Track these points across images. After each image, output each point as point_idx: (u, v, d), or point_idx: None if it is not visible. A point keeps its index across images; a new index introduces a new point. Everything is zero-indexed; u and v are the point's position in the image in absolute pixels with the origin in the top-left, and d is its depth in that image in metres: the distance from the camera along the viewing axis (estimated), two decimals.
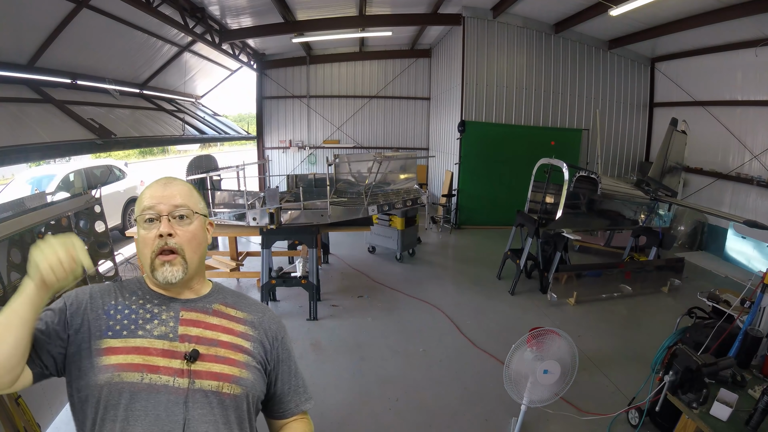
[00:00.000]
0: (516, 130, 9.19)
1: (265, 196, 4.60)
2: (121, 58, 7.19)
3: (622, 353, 4.15)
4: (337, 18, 8.62)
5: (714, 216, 6.29)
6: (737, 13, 6.07)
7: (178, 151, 31.62)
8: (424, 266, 6.77)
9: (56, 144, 4.83)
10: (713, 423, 2.04)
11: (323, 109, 12.42)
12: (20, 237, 3.10)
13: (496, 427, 3.12)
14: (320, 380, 3.66)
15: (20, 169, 10.39)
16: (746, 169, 7.16)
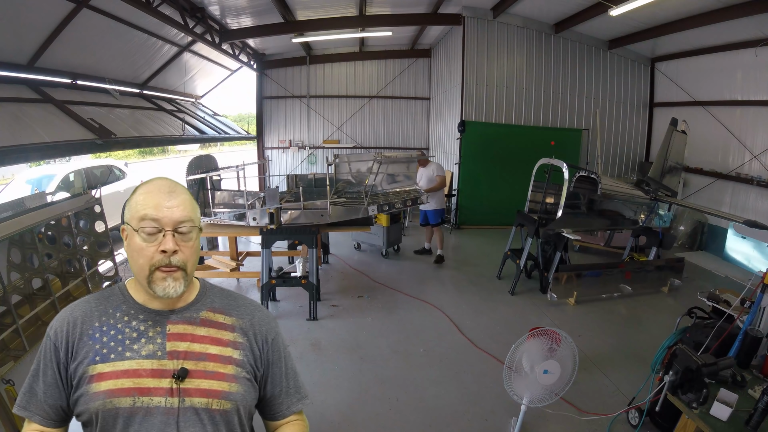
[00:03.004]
0: (516, 130, 9.19)
1: (265, 196, 4.60)
2: (121, 58, 7.18)
3: (622, 353, 4.14)
4: (337, 18, 8.62)
5: (714, 216, 6.30)
6: (737, 13, 6.07)
7: (178, 151, 31.63)
8: (423, 266, 6.77)
9: (56, 144, 4.83)
10: (713, 423, 2.04)
11: (323, 109, 12.42)
12: (20, 237, 3.10)
13: (496, 427, 3.12)
14: (320, 380, 3.66)
15: (20, 169, 10.40)
16: (746, 169, 7.16)
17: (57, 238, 3.64)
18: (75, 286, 3.66)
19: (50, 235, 3.60)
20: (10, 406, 2.43)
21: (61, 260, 3.60)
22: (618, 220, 5.74)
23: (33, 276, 3.24)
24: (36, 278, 3.28)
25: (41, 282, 3.31)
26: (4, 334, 2.74)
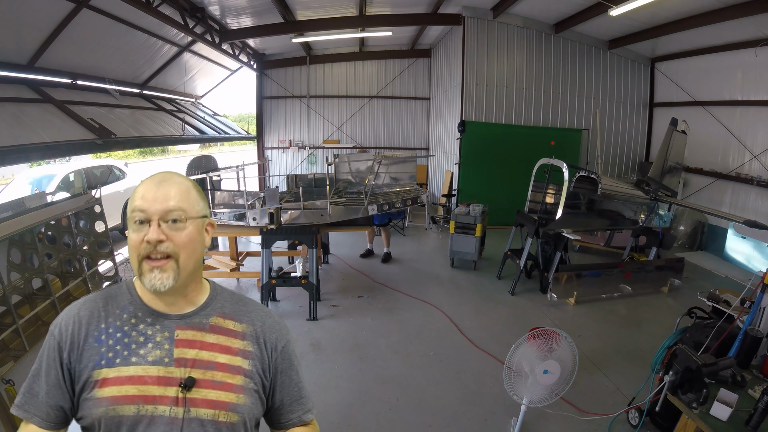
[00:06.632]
0: (516, 130, 9.19)
1: (265, 196, 4.60)
2: (121, 58, 7.19)
3: (622, 353, 4.14)
4: (337, 18, 8.62)
5: (714, 216, 6.29)
6: (737, 13, 6.07)
7: (178, 151, 31.63)
8: (423, 266, 6.77)
9: (56, 144, 4.83)
10: (713, 423, 2.04)
11: (323, 109, 12.42)
12: (20, 237, 3.10)
13: (496, 427, 3.11)
14: (320, 380, 3.65)
15: (20, 169, 10.39)
16: (746, 169, 7.16)
17: (57, 238, 3.64)
18: (75, 286, 3.66)
19: (50, 235, 3.60)
20: (9, 406, 2.43)
21: (61, 260, 3.60)
22: (618, 220, 5.75)
23: (33, 276, 3.24)
24: (36, 278, 3.28)
25: (41, 282, 3.31)
26: (4, 334, 2.75)
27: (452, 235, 6.40)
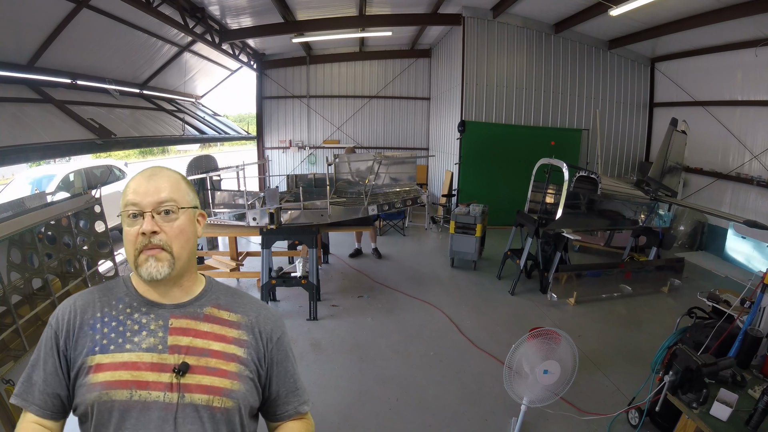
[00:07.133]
0: (516, 130, 9.19)
1: (265, 196, 4.60)
2: (121, 58, 7.19)
3: (622, 353, 4.14)
4: (337, 18, 8.62)
5: (714, 216, 6.29)
6: (737, 13, 6.06)
7: (178, 151, 31.61)
8: (423, 266, 6.77)
9: (56, 144, 4.83)
10: (713, 423, 2.04)
11: (323, 109, 12.42)
12: (20, 237, 3.10)
13: (496, 427, 3.12)
14: (320, 380, 3.65)
15: (20, 169, 10.39)
16: (746, 169, 7.16)
17: (57, 238, 3.64)
18: (75, 286, 3.66)
19: (50, 235, 3.59)
20: (10, 406, 2.43)
21: (61, 260, 3.60)
22: (618, 220, 5.74)
23: (33, 276, 3.24)
24: (36, 278, 3.28)
25: (41, 282, 3.31)
26: (4, 334, 2.74)
27: (452, 235, 6.40)
